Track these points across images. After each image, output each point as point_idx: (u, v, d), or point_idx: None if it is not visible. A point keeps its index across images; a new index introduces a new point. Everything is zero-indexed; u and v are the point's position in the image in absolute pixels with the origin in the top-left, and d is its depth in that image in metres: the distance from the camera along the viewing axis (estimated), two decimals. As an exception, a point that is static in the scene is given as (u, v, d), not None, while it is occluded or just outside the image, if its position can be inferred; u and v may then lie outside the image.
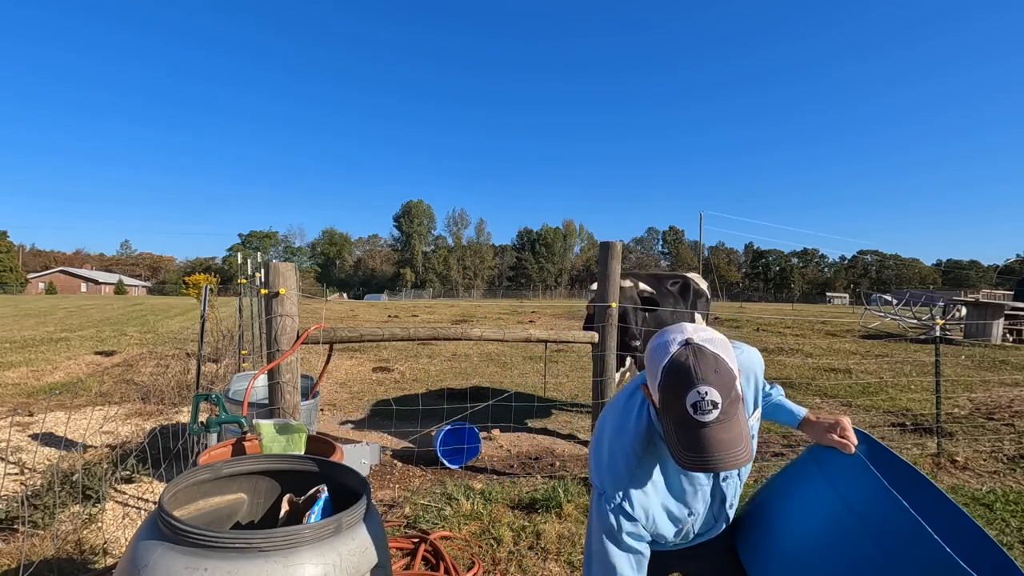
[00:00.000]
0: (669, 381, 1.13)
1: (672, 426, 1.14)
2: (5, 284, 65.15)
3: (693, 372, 1.10)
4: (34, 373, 7.70)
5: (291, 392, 3.00)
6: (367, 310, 26.73)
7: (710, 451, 1.09)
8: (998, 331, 13.54)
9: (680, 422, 1.12)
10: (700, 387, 1.09)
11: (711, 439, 1.09)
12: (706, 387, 1.09)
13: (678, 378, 1.11)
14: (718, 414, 1.09)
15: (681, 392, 1.10)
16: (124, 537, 2.92)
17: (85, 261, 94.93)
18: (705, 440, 1.09)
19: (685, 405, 1.10)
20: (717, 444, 1.09)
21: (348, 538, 1.20)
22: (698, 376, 1.09)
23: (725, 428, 1.09)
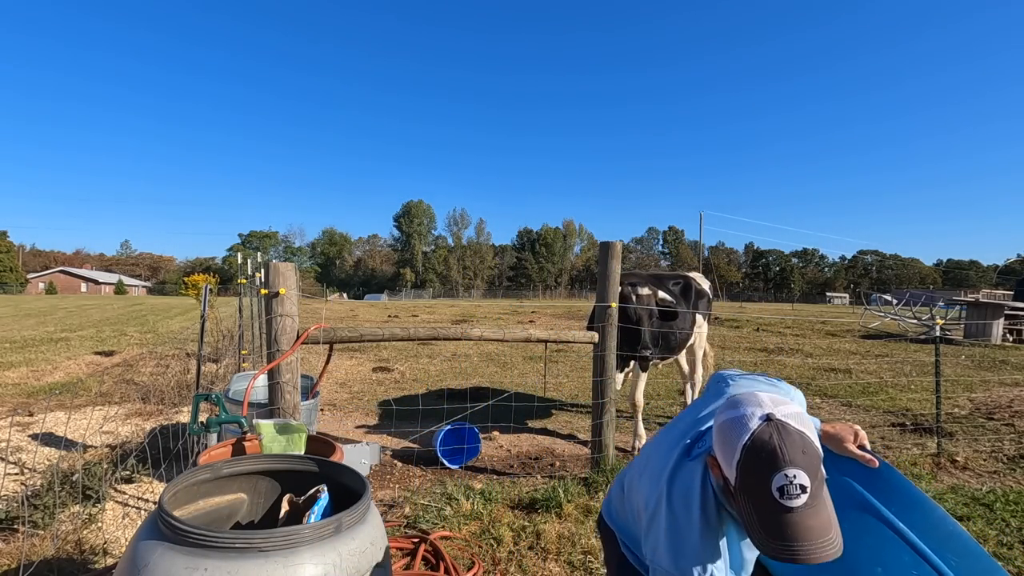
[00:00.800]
0: (751, 462, 1.05)
1: (753, 510, 1.06)
2: (5, 284, 65.16)
3: (780, 453, 1.03)
4: (34, 373, 7.70)
5: (291, 392, 3.00)
6: (367, 310, 26.74)
7: (800, 540, 1.01)
8: (998, 331, 13.55)
9: (764, 507, 1.04)
10: (788, 470, 1.01)
11: (800, 526, 1.02)
12: (794, 470, 1.01)
13: (763, 459, 1.04)
14: (807, 499, 1.02)
15: (766, 475, 1.03)
16: (124, 537, 2.92)
17: (85, 261, 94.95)
18: (794, 528, 1.02)
19: (771, 489, 1.02)
20: (807, 532, 1.02)
21: (348, 538, 1.20)
22: (785, 458, 1.02)
23: (813, 514, 1.02)
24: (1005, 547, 3.05)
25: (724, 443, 1.11)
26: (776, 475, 1.01)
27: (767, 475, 1.02)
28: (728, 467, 1.10)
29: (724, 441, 1.11)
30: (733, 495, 1.11)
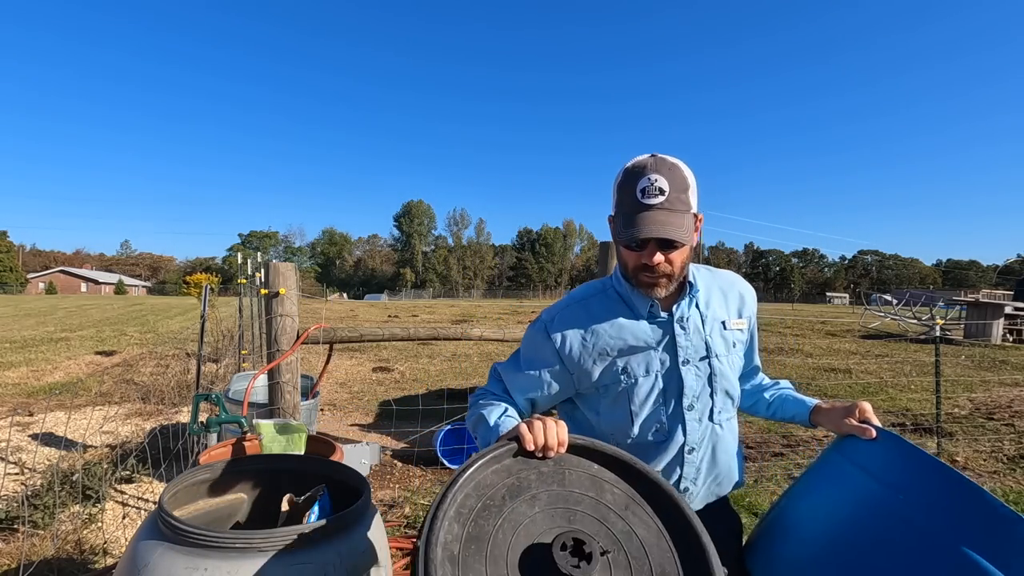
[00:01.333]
0: (625, 176, 1.19)
1: (621, 217, 1.18)
2: (5, 284, 65.16)
3: (648, 165, 1.17)
4: (34, 373, 7.70)
5: (291, 392, 3.00)
6: (367, 310, 26.73)
7: (646, 224, 1.14)
8: (998, 331, 13.55)
9: (627, 209, 1.17)
10: (651, 175, 1.15)
11: (650, 218, 1.14)
12: (656, 175, 1.15)
13: (634, 171, 1.17)
14: (663, 200, 1.14)
15: (634, 181, 1.16)
16: (124, 537, 2.92)
17: (85, 261, 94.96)
18: (645, 219, 1.14)
19: (635, 190, 1.15)
20: (654, 221, 1.14)
21: (348, 538, 1.20)
22: (651, 168, 1.16)
23: (666, 214, 1.14)
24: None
25: (614, 182, 1.23)
26: (640, 179, 1.15)
27: (635, 181, 1.16)
28: (613, 195, 1.23)
29: (615, 181, 1.24)
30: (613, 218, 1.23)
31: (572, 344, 1.30)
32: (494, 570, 0.89)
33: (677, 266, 1.20)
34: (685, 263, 1.24)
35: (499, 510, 0.95)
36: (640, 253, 1.18)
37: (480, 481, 0.98)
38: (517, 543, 0.93)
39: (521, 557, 0.92)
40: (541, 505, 0.98)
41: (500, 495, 0.97)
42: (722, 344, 1.33)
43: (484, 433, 1.21)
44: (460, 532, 0.93)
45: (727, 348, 1.34)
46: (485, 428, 1.21)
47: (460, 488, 0.94)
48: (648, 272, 1.20)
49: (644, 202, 1.15)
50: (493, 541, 0.93)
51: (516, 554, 0.92)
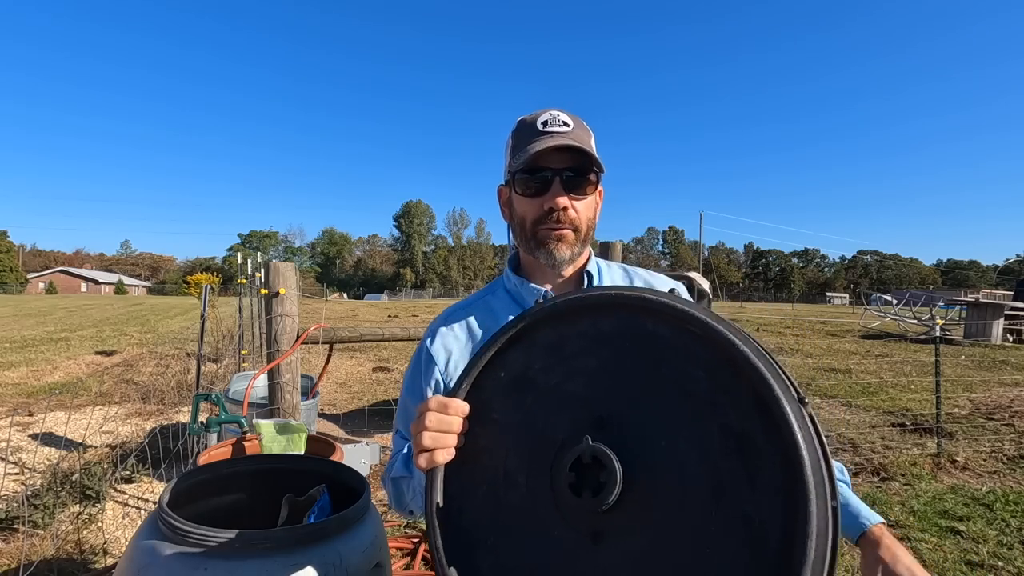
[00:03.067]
0: (521, 122, 1.04)
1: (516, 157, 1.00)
2: (5, 284, 65.16)
3: (549, 109, 1.03)
4: (34, 373, 7.70)
5: (291, 392, 3.00)
6: (367, 310, 26.73)
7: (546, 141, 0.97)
8: (998, 331, 13.55)
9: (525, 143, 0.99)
10: (552, 111, 1.01)
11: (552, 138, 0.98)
12: (558, 112, 1.01)
13: (531, 115, 1.03)
14: (567, 131, 0.99)
15: (533, 119, 1.01)
16: (124, 537, 2.92)
17: (85, 261, 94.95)
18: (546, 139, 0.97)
19: (535, 126, 1.00)
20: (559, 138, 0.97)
21: (348, 538, 1.20)
22: (551, 110, 1.02)
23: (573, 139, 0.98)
24: (1005, 547, 3.05)
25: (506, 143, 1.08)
26: (541, 116, 1.01)
27: (533, 121, 1.01)
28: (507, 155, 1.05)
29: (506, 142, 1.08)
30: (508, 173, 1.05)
31: (453, 359, 1.08)
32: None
33: (583, 218, 1.03)
34: (591, 223, 1.06)
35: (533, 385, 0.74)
36: (542, 198, 1.00)
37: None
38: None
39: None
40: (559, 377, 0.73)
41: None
42: None
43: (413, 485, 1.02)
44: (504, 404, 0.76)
45: None
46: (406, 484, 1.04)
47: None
48: (550, 223, 1.00)
49: (546, 131, 0.99)
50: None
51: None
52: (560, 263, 1.03)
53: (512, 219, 1.08)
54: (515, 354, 0.77)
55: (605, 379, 0.71)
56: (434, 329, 1.13)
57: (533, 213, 1.02)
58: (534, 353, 0.76)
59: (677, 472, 0.63)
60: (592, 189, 1.03)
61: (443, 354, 1.09)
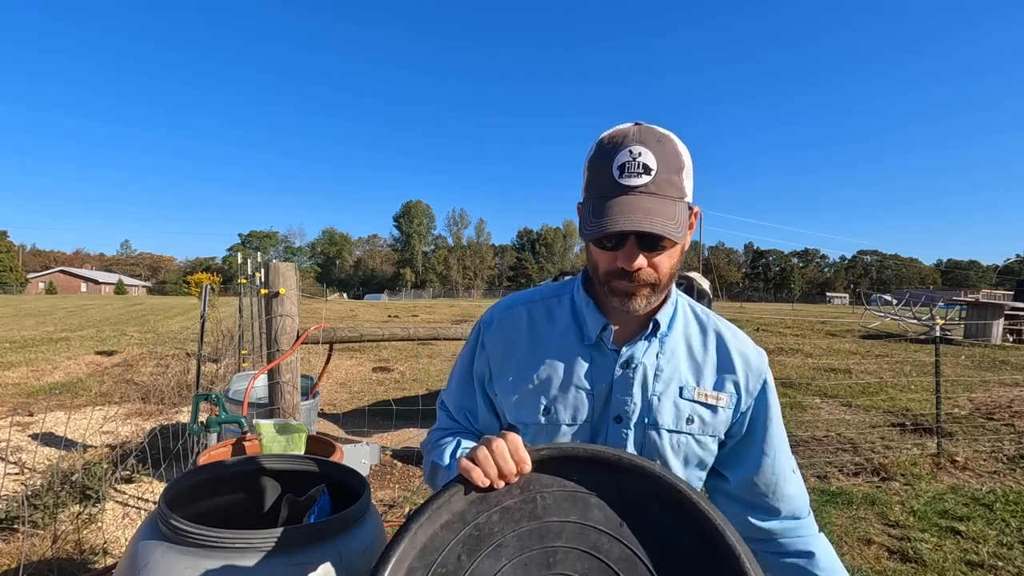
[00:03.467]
0: (599, 149, 0.90)
1: (591, 203, 0.89)
2: (5, 284, 65.17)
3: (630, 136, 0.87)
4: (34, 373, 7.70)
5: (291, 392, 3.00)
6: (367, 310, 26.72)
7: (623, 213, 0.84)
8: (998, 331, 13.54)
9: (600, 192, 0.88)
10: (634, 147, 0.86)
11: (630, 204, 0.84)
12: (641, 148, 0.86)
13: (611, 142, 0.88)
14: (648, 181, 0.85)
15: (610, 155, 0.87)
16: (124, 537, 2.92)
17: (85, 261, 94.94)
18: (622, 205, 0.84)
19: (611, 168, 0.86)
20: (634, 208, 0.84)
21: (348, 538, 1.20)
22: (635, 139, 0.87)
23: (651, 199, 0.85)
24: (1005, 547, 3.05)
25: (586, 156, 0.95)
26: (620, 152, 0.86)
27: (611, 155, 0.87)
28: (583, 175, 0.94)
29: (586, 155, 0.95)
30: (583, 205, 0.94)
31: (501, 358, 1.04)
32: None
33: (664, 273, 0.91)
34: (674, 269, 0.93)
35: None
36: (615, 253, 0.89)
37: (426, 546, 0.75)
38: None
39: None
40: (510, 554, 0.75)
41: (455, 556, 0.75)
42: (671, 415, 0.98)
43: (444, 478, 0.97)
44: None
45: (678, 422, 0.98)
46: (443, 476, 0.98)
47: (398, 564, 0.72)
48: (623, 281, 0.90)
49: (622, 183, 0.85)
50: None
51: None
52: (634, 312, 0.94)
53: (587, 250, 0.97)
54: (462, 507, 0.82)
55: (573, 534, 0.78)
56: (494, 317, 1.08)
57: (605, 264, 0.92)
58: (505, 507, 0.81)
59: None
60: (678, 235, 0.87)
61: (497, 347, 1.04)
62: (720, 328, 1.05)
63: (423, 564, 0.74)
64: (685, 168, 0.89)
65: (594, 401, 0.99)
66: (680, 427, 0.98)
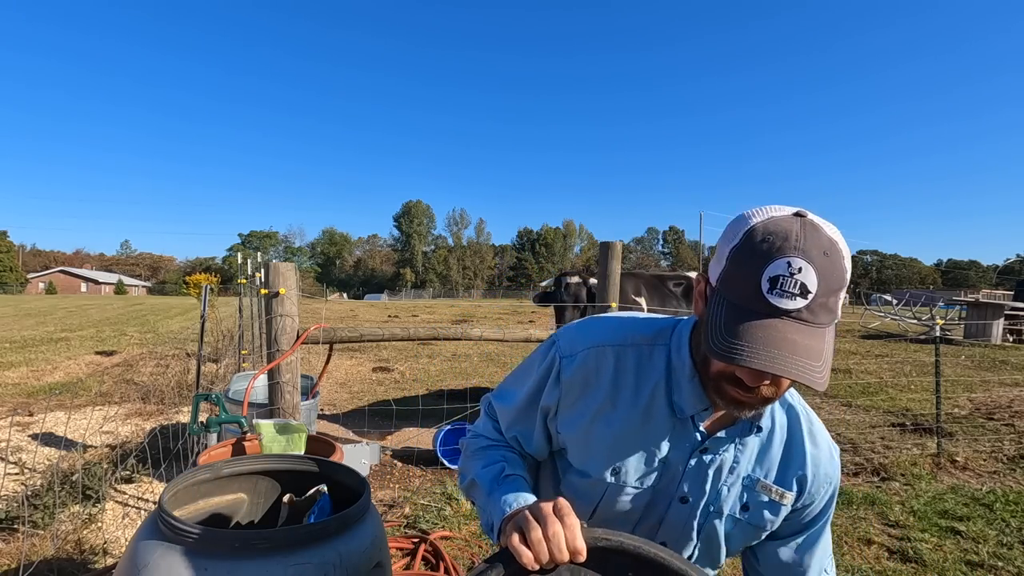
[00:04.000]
0: (751, 242, 0.73)
1: (724, 308, 0.75)
2: (5, 284, 65.17)
3: (792, 238, 0.71)
4: (34, 373, 7.70)
5: (291, 392, 3.00)
6: (367, 310, 26.73)
7: (763, 346, 0.70)
8: (998, 331, 13.54)
9: (741, 302, 0.73)
10: (793, 258, 0.70)
11: (775, 334, 0.70)
12: (801, 262, 0.70)
13: (767, 242, 0.71)
14: (803, 306, 0.70)
15: (762, 260, 0.71)
16: (124, 537, 2.92)
17: (85, 261, 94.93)
18: (766, 333, 0.70)
19: (760, 277, 0.71)
20: (781, 342, 0.70)
21: (348, 538, 1.20)
22: (797, 246, 0.70)
23: (802, 331, 0.71)
24: (1005, 547, 3.05)
25: (726, 235, 0.79)
26: (775, 261, 0.70)
27: (763, 260, 0.71)
28: (719, 260, 0.79)
29: (727, 233, 0.79)
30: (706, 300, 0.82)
31: (576, 399, 0.96)
32: None
33: (784, 390, 0.81)
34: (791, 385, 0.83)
35: None
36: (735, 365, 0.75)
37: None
38: None
39: None
40: None
41: None
42: (736, 505, 0.95)
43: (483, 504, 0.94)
44: None
45: (741, 512, 0.96)
46: (482, 498, 0.94)
47: None
48: (740, 388, 0.80)
49: (772, 302, 0.71)
50: None
51: None
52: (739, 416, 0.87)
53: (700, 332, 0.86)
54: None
55: None
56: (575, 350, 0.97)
57: (720, 367, 0.81)
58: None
59: None
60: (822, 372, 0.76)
61: (574, 386, 0.96)
62: (801, 419, 0.99)
63: None
64: (846, 285, 0.76)
65: (665, 472, 0.95)
66: (742, 517, 0.97)
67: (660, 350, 0.95)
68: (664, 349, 0.95)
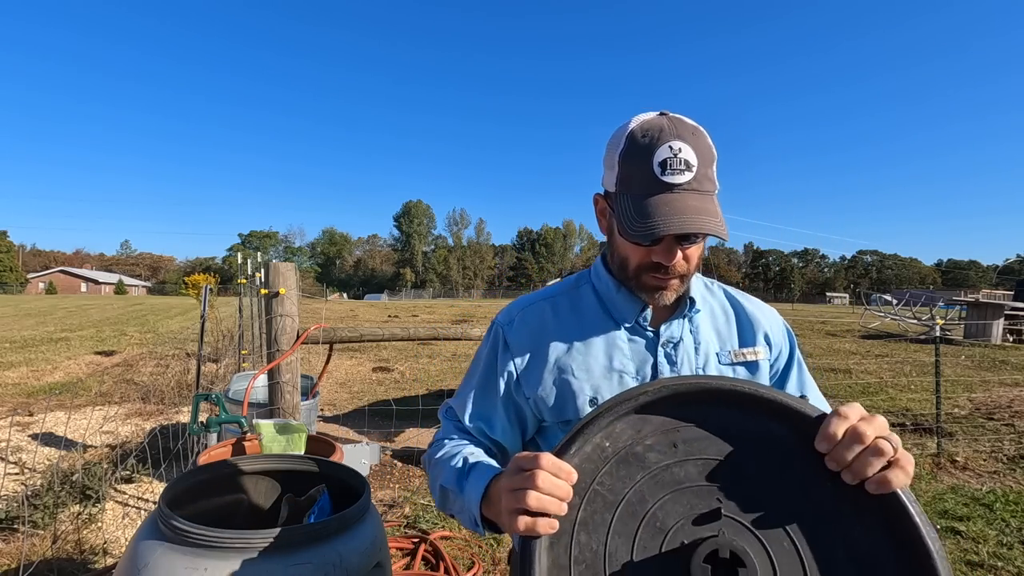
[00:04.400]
0: (634, 142, 0.87)
1: (630, 200, 0.87)
2: (5, 284, 65.16)
3: (665, 130, 0.86)
4: (34, 373, 7.70)
5: (291, 392, 3.00)
6: (367, 310, 26.72)
7: (673, 214, 0.83)
8: (998, 331, 13.54)
9: (641, 189, 0.86)
10: (673, 142, 0.85)
11: (677, 204, 0.83)
12: (680, 143, 0.85)
13: (645, 136, 0.86)
14: (691, 178, 0.84)
15: (648, 150, 0.85)
16: (124, 537, 2.92)
17: (85, 261, 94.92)
18: (669, 205, 0.83)
19: (652, 164, 0.84)
20: (683, 208, 0.83)
21: (348, 538, 1.20)
22: (671, 133, 0.86)
23: (697, 197, 0.85)
24: (1005, 547, 3.05)
25: (611, 146, 0.93)
26: (659, 148, 0.85)
27: (649, 151, 0.85)
28: (612, 167, 0.92)
29: (611, 145, 0.93)
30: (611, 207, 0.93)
31: (530, 356, 1.00)
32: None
33: (694, 263, 0.94)
34: (701, 258, 0.97)
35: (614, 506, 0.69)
36: (650, 249, 0.89)
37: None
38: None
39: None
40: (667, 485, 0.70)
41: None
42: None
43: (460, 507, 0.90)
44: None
45: None
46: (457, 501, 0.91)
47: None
48: (657, 275, 0.91)
49: (666, 180, 0.84)
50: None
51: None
52: (664, 304, 0.96)
53: (610, 243, 0.99)
54: (623, 426, 0.73)
55: (722, 472, 0.69)
56: (513, 316, 1.05)
57: (638, 259, 0.92)
58: (645, 430, 0.73)
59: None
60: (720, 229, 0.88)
61: (523, 345, 1.01)
62: (731, 292, 1.11)
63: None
64: (716, 159, 0.90)
65: (639, 379, 0.98)
66: None
67: (584, 287, 1.06)
68: (587, 284, 1.07)
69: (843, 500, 0.65)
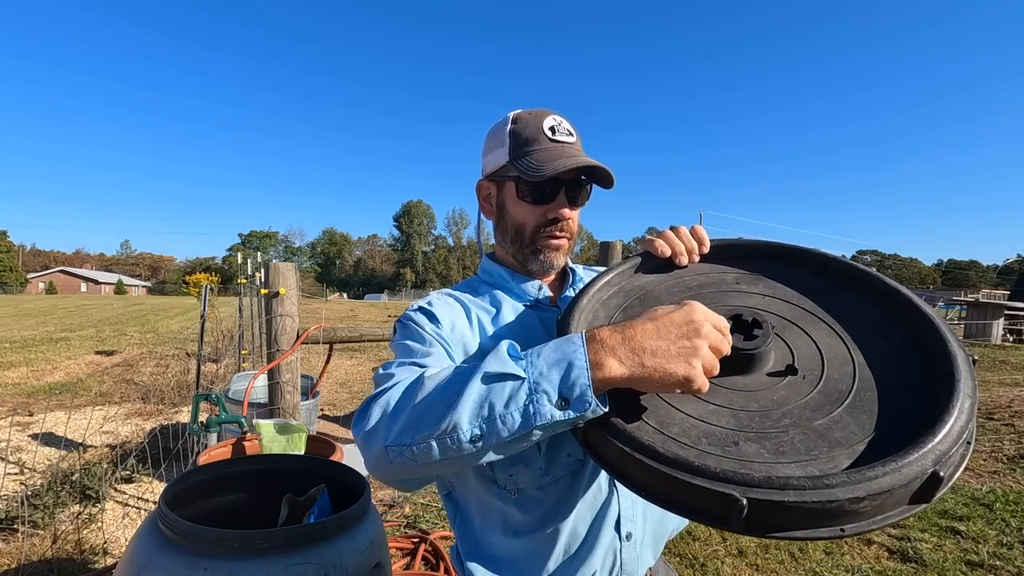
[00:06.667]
0: (520, 119, 1.00)
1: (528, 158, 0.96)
2: (5, 284, 65.16)
3: (544, 111, 1.02)
4: (34, 373, 7.70)
5: (291, 392, 3.00)
6: (367, 310, 26.72)
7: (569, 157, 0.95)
8: (998, 331, 13.55)
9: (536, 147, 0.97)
10: (554, 115, 1.00)
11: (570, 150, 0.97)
12: (559, 116, 1.01)
13: (530, 114, 1.01)
14: (575, 141, 1.00)
15: (536, 120, 0.99)
16: (124, 537, 2.92)
17: (85, 261, 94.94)
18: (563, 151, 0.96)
19: (543, 128, 0.98)
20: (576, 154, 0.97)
21: (348, 538, 1.20)
22: (549, 112, 1.02)
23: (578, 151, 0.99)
24: (1005, 547, 3.05)
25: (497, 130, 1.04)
26: (545, 119, 0.99)
27: (538, 121, 0.99)
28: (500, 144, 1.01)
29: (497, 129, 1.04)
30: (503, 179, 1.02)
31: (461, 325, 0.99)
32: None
33: (576, 225, 1.06)
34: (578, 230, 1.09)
35: None
36: (545, 206, 0.99)
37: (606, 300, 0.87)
38: None
39: None
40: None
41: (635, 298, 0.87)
42: None
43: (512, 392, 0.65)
44: None
45: None
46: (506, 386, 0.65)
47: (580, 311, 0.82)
48: (551, 232, 1.01)
49: (558, 139, 0.97)
50: None
51: None
52: (553, 270, 1.06)
53: (502, 219, 1.06)
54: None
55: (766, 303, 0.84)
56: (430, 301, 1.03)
57: (535, 219, 1.01)
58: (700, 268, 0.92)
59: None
60: (586, 199, 1.04)
61: (447, 320, 0.97)
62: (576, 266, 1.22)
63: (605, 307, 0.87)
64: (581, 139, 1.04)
65: None
66: None
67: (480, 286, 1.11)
68: (479, 282, 1.12)
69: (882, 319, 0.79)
